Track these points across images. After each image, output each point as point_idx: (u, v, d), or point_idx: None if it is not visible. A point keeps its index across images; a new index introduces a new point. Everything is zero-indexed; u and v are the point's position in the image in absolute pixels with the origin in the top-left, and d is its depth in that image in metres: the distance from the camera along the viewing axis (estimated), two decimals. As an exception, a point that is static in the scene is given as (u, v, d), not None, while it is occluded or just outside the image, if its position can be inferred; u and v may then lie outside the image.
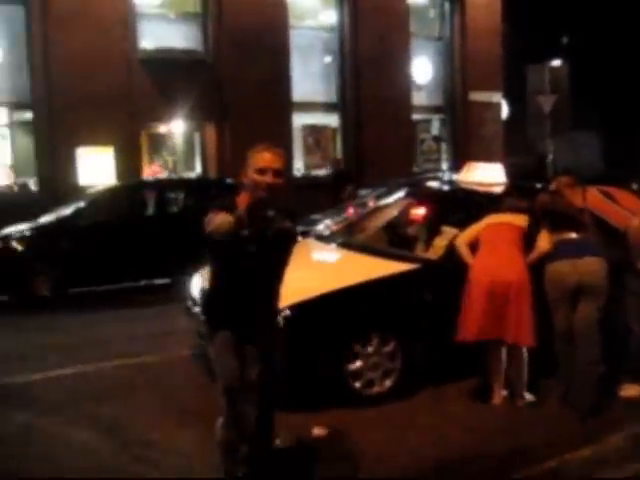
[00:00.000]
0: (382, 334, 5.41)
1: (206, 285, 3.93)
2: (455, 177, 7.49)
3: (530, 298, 5.29)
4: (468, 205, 6.13)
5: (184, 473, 4.37)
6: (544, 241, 5.42)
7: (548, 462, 4.48)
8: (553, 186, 5.73)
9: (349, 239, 6.84)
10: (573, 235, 5.38)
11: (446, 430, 4.94)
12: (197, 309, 6.10)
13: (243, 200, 3.51)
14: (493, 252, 5.41)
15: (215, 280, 3.75)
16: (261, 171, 3.51)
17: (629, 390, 5.61)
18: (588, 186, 5.69)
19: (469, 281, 5.38)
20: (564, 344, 5.40)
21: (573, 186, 5.57)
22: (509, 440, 4.87)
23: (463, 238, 5.62)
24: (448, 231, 6.09)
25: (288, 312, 5.00)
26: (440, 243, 5.96)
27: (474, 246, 5.52)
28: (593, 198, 5.59)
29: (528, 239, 5.48)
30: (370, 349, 5.36)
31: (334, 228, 7.34)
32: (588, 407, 5.21)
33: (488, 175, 6.69)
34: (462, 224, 5.86)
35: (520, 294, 5.27)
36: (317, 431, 4.94)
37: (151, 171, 13.46)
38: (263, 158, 3.53)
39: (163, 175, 13.72)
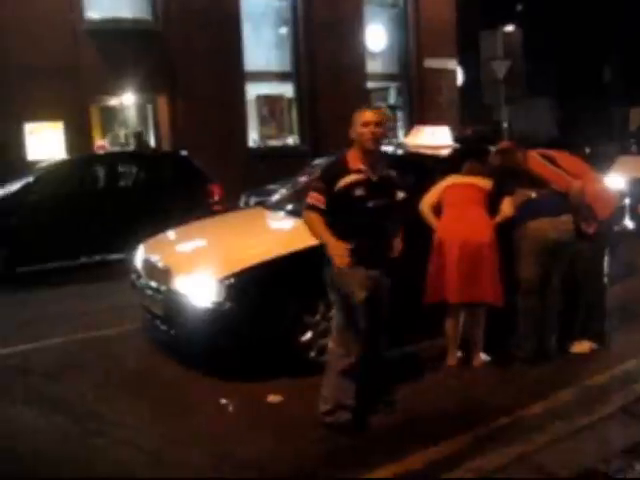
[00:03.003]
0: (327, 300, 5.31)
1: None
2: (402, 140, 7.44)
3: (498, 259, 5.29)
4: (415, 168, 6.07)
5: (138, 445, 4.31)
6: (508, 206, 5.41)
7: (501, 419, 4.51)
8: (498, 148, 5.75)
9: (297, 207, 6.74)
10: (533, 194, 5.40)
11: (400, 392, 4.93)
12: (142, 281, 5.98)
13: (353, 156, 4.30)
14: (461, 214, 5.37)
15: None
16: (365, 124, 4.23)
17: (580, 346, 5.69)
18: (529, 150, 5.68)
19: (438, 243, 5.32)
20: (529, 298, 5.44)
21: (515, 150, 5.60)
22: (462, 400, 4.89)
23: (426, 202, 5.54)
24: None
25: (232, 280, 4.92)
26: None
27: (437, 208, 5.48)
28: (534, 161, 5.58)
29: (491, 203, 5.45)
30: (318, 317, 5.28)
31: (283, 196, 7.21)
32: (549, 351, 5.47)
33: (435, 138, 6.66)
34: (409, 187, 5.80)
35: (491, 255, 5.26)
36: (272, 398, 4.91)
37: (97, 147, 13.10)
38: (365, 115, 4.27)
39: (115, 148, 13.41)
